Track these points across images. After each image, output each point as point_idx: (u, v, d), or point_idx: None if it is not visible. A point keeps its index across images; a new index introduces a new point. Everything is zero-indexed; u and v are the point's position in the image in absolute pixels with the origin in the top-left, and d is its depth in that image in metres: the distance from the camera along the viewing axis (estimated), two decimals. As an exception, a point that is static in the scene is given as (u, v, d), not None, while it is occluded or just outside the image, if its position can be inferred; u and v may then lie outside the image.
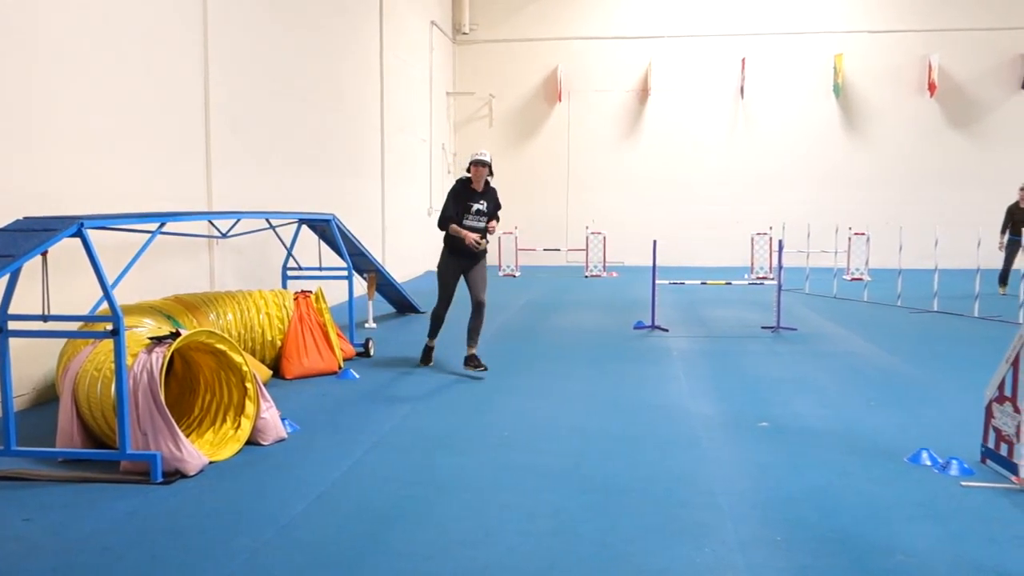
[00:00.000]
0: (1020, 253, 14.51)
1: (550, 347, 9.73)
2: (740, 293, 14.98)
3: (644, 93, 22.32)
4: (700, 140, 22.26)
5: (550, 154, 22.70)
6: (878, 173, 21.69)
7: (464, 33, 22.53)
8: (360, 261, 10.66)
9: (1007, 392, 4.97)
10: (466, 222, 7.93)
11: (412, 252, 18.42)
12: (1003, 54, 21.19)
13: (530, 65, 22.63)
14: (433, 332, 8.48)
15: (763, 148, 22.08)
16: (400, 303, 12.26)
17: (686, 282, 12.33)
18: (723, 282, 12.10)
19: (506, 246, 19.59)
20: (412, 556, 3.88)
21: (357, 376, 7.89)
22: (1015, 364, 4.87)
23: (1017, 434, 4.81)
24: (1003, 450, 5.02)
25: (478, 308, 8.11)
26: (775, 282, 11.15)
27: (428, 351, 8.54)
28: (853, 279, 17.16)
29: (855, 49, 21.49)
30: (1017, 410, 4.83)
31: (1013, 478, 4.85)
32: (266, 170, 10.95)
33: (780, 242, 11.18)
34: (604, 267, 19.59)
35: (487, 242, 8.02)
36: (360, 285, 10.80)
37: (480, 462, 5.31)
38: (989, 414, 5.21)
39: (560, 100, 22.43)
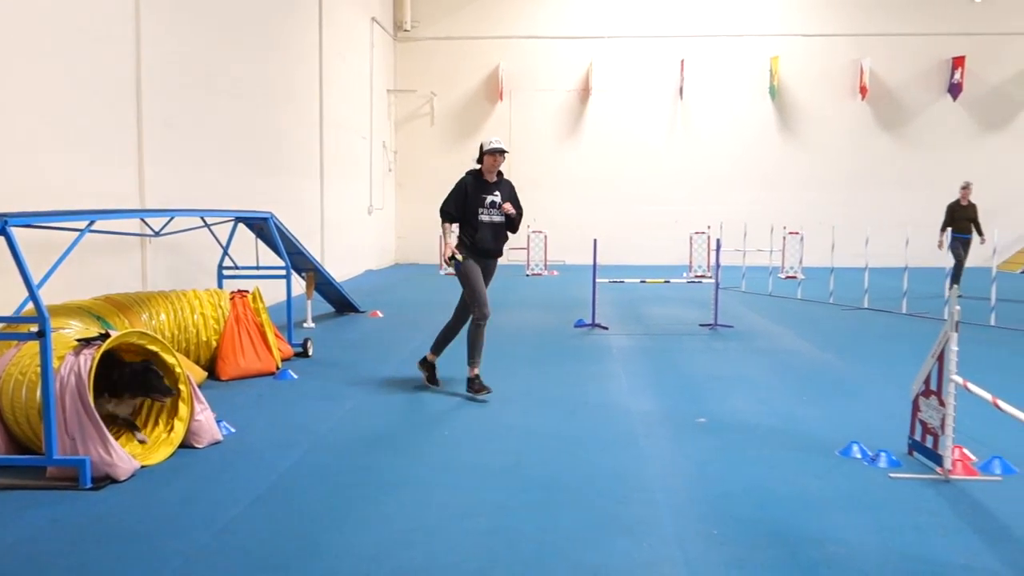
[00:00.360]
0: (968, 250, 14.52)
1: (491, 346, 9.71)
2: (679, 291, 15.18)
3: (585, 93, 22.47)
4: (640, 140, 22.49)
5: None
6: (812, 174, 22.17)
7: (405, 30, 22.42)
8: (298, 260, 10.53)
9: (932, 386, 5.11)
10: (481, 216, 7.10)
11: (352, 251, 18.27)
12: (931, 59, 21.83)
13: (472, 63, 22.62)
14: (444, 345, 7.45)
15: (702, 148, 22.40)
16: (339, 302, 12.15)
17: (626, 281, 12.44)
18: (662, 280, 12.23)
19: (447, 245, 19.51)
20: (351, 557, 3.85)
21: (295, 376, 7.79)
22: (940, 359, 5.01)
23: (942, 426, 4.96)
24: (929, 442, 5.16)
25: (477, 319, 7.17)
26: (713, 280, 11.32)
27: (433, 368, 7.50)
28: (788, 277, 17.52)
29: (790, 52, 21.93)
30: (942, 403, 4.97)
31: (938, 469, 4.99)
32: (201, 167, 10.75)
33: (718, 241, 11.35)
34: (545, 266, 19.67)
35: (462, 258, 7.09)
36: (298, 284, 10.67)
37: (421, 461, 5.28)
38: (916, 408, 5.36)
39: (502, 99, 22.45)
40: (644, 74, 22.36)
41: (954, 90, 21.64)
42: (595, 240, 11.35)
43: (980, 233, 14.53)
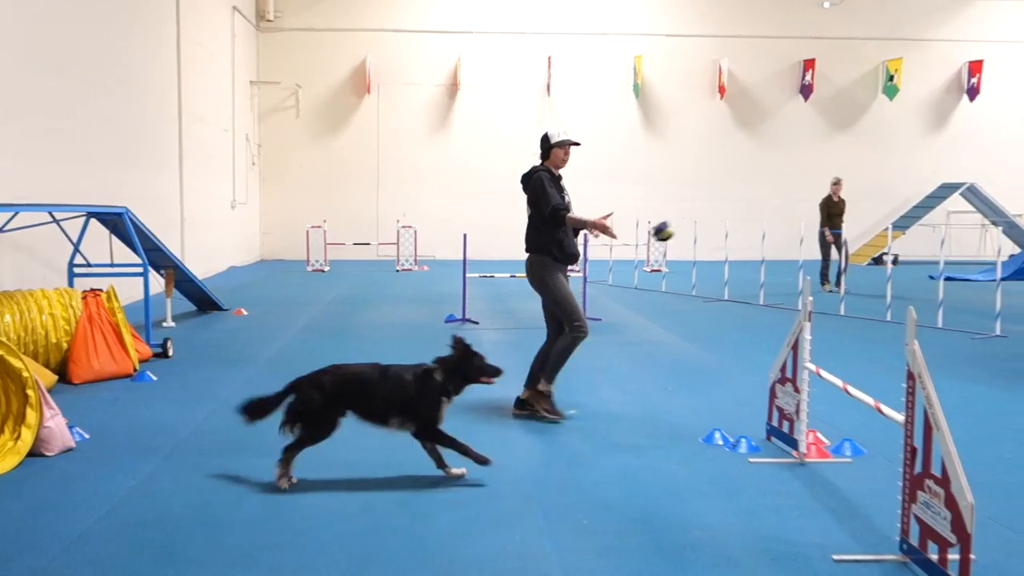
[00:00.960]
0: (835, 246, 14.91)
1: (360, 342, 9.59)
2: (548, 285, 15.36)
3: (454, 88, 22.44)
4: (509, 136, 22.63)
5: (359, 147, 22.39)
6: (675, 170, 22.89)
7: (268, 20, 21.80)
8: (156, 257, 10.08)
9: (788, 374, 5.36)
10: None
11: (215, 247, 17.64)
12: (784, 61, 22.91)
13: (338, 55, 22.22)
14: (555, 372, 6.32)
15: (569, 144, 22.73)
16: (201, 300, 11.70)
17: (496, 275, 12.51)
18: (532, 275, 12.36)
19: (315, 240, 19.15)
20: (212, 565, 3.70)
21: (154, 378, 7.45)
22: (794, 348, 5.26)
23: (797, 412, 5.20)
24: (785, 427, 5.41)
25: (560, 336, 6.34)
26: (581, 274, 11.51)
27: (550, 398, 6.30)
28: (652, 271, 18.05)
29: (653, 51, 22.56)
30: (797, 390, 5.22)
31: (794, 452, 5.24)
32: (47, 159, 10.13)
33: (585, 236, 11.55)
34: (415, 261, 19.56)
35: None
36: (157, 282, 10.21)
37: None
38: (773, 395, 5.61)
39: (369, 92, 22.16)
40: (512, 70, 22.53)
41: (805, 91, 22.77)
42: (465, 235, 11.35)
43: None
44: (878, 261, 20.35)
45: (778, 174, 22.80)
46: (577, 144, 6.63)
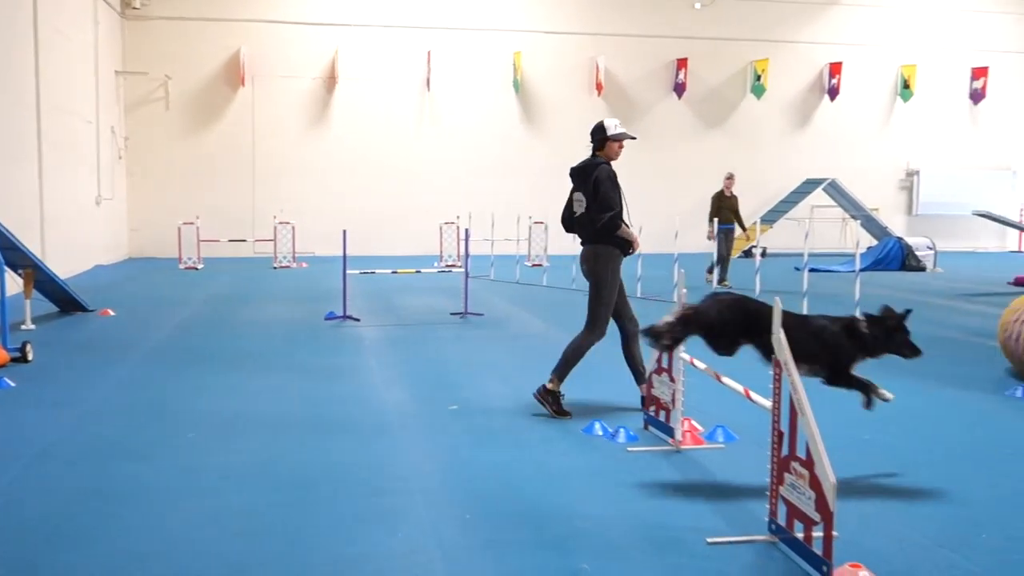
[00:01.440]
0: (730, 241, 15.03)
1: (238, 341, 9.33)
2: (430, 281, 15.34)
3: (332, 81, 22.07)
4: (389, 131, 22.44)
5: (234, 140, 21.75)
6: (555, 165, 23.04)
7: (135, 8, 20.89)
8: (14, 256, 9.51)
9: (664, 364, 5.51)
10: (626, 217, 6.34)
11: (79, 245, 16.80)
12: (658, 59, 23.53)
13: (210, 46, 21.50)
14: (569, 369, 6.27)
15: (450, 140, 22.73)
16: (64, 301, 11.13)
17: (377, 271, 12.39)
18: (413, 271, 12.31)
19: (187, 237, 18.49)
20: (81, 577, 3.53)
21: (12, 384, 7.03)
22: (670, 338, 5.41)
23: (673, 401, 5.36)
24: (662, 416, 5.57)
25: (636, 331, 6.15)
26: (462, 269, 11.53)
27: (559, 398, 6.21)
28: (534, 265, 18.25)
29: (532, 48, 22.78)
30: (672, 379, 5.37)
31: (671, 440, 5.40)
32: None
33: (467, 231, 11.58)
34: (294, 258, 19.16)
35: None
36: (15, 283, 9.65)
37: (162, 467, 4.96)
38: (650, 384, 5.76)
39: (243, 84, 21.54)
40: (391, 64, 22.32)
41: (679, 89, 23.45)
42: (344, 231, 11.18)
43: (741, 225, 15.02)
44: (748, 254, 21.16)
45: (655, 170, 23.37)
46: (633, 138, 6.66)
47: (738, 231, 15.16)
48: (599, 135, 6.50)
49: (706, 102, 23.83)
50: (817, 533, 3.52)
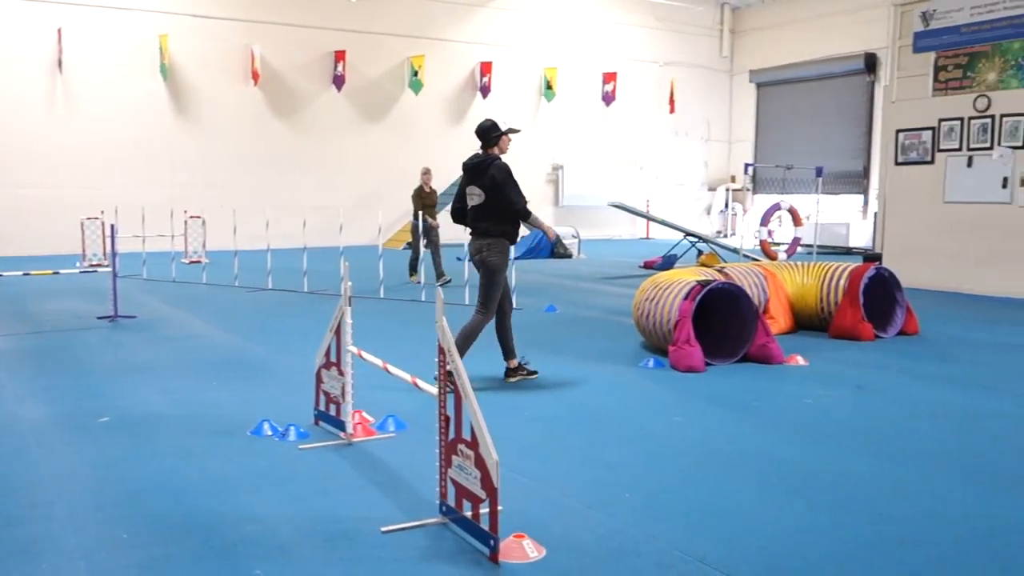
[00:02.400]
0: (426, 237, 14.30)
1: None
2: (72, 282, 13.94)
3: (-62, 57, 19.19)
4: (13, 117, 19.95)
5: None
6: (212, 157, 22.06)
7: None
8: None
9: (333, 358, 5.48)
10: None
11: None
12: (316, 50, 23.21)
13: None
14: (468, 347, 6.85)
15: (90, 128, 20.72)
16: None
17: (5, 274, 11.00)
18: (50, 272, 11.09)
19: None
20: None
21: None
22: (337, 332, 5.39)
23: (343, 394, 5.35)
24: (332, 410, 5.53)
25: (511, 310, 7.23)
26: (110, 269, 10.61)
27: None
28: (192, 262, 17.26)
29: (180, 31, 21.42)
30: (341, 373, 5.36)
31: (342, 434, 5.38)
32: None
33: (112, 227, 10.66)
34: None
35: None
36: None
37: None
38: (319, 380, 5.70)
39: None
40: (12, 42, 19.86)
41: (338, 81, 23.35)
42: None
43: (433, 218, 14.25)
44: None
45: (316, 162, 23.13)
46: (519, 131, 7.30)
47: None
48: (493, 132, 7.02)
49: (366, 95, 23.96)
50: (484, 510, 3.69)
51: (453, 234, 23.08)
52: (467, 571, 3.58)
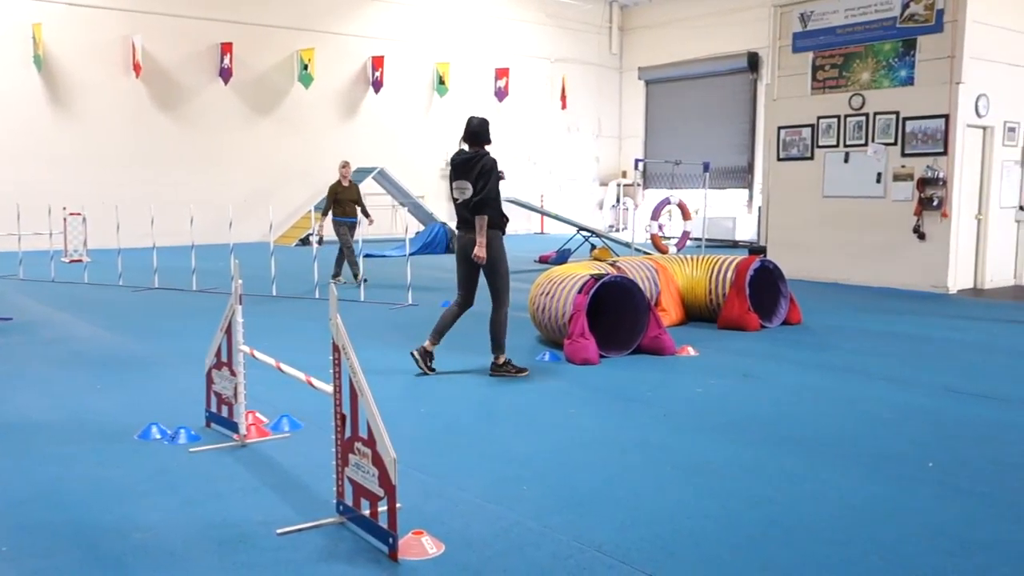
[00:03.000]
0: (353, 233, 13.16)
1: None
2: (-60, 284, 13.17)
3: None
4: None
5: None
6: (91, 151, 21.13)
7: None
8: None
9: (224, 358, 5.35)
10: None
11: None
12: (201, 42, 22.49)
13: None
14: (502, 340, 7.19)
15: (-45, 120, 19.59)
16: None
17: None
18: (-84, 273, 10.46)
19: None
20: None
21: None
22: (228, 332, 5.27)
23: (235, 395, 5.23)
24: (224, 412, 5.41)
25: (468, 306, 7.39)
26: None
27: (509, 362, 7.22)
28: (72, 261, 16.51)
29: (55, 20, 20.43)
30: (233, 373, 5.24)
31: (235, 436, 5.27)
32: None
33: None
34: None
35: None
36: None
37: None
38: (210, 380, 5.56)
39: None
40: None
41: (225, 74, 22.71)
42: None
43: (367, 215, 13.41)
44: (305, 242, 21.31)
45: (203, 157, 22.45)
46: None
47: (364, 220, 13.32)
48: (486, 129, 7.21)
49: (255, 89, 23.37)
50: (382, 508, 3.69)
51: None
52: (366, 570, 3.57)
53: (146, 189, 20.74)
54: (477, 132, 7.12)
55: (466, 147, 7.21)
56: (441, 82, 26.11)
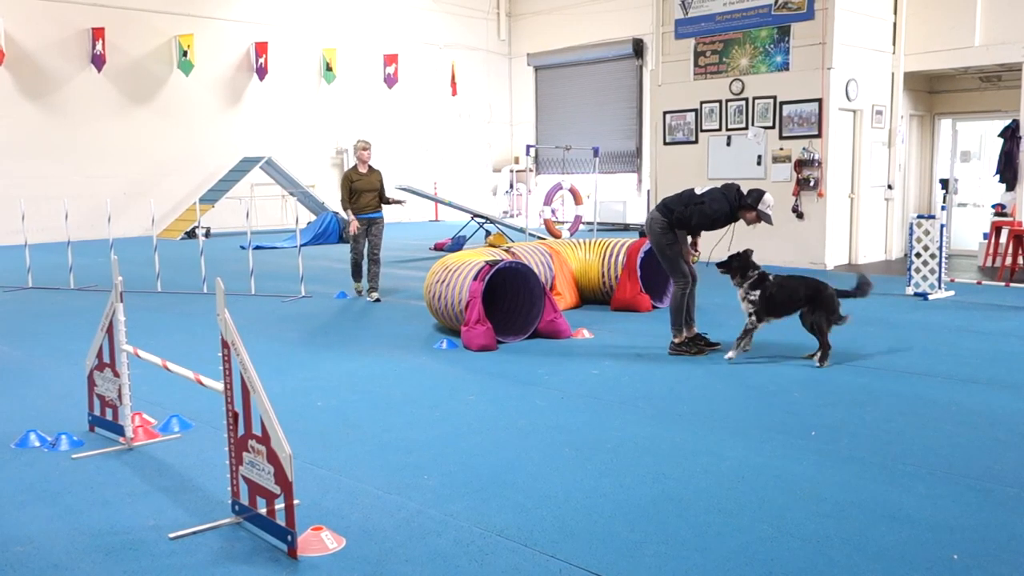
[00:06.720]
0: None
1: None
2: None
3: None
4: None
5: None
6: (-51, 145, 19.88)
7: None
8: None
9: (106, 359, 5.14)
10: None
11: None
12: (70, 27, 21.40)
13: None
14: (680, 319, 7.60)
15: None
16: None
17: None
18: None
19: None
20: None
21: None
22: (110, 331, 5.06)
23: (119, 397, 5.03)
24: (109, 415, 5.19)
25: None
26: None
27: (689, 341, 7.56)
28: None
29: (-94, 4, 19.12)
30: (117, 374, 5.03)
31: (121, 439, 5.07)
32: None
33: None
34: None
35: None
36: None
37: None
38: (92, 383, 5.32)
39: None
40: None
41: (97, 61, 21.69)
42: None
43: (389, 202, 11.28)
44: (191, 235, 20.63)
45: (76, 149, 21.38)
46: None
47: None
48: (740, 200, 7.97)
49: (131, 76, 22.38)
50: (279, 505, 3.61)
51: (232, 221, 22.19)
52: (265, 570, 3.50)
53: (13, 183, 19.58)
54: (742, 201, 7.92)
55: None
56: (328, 68, 25.61)
